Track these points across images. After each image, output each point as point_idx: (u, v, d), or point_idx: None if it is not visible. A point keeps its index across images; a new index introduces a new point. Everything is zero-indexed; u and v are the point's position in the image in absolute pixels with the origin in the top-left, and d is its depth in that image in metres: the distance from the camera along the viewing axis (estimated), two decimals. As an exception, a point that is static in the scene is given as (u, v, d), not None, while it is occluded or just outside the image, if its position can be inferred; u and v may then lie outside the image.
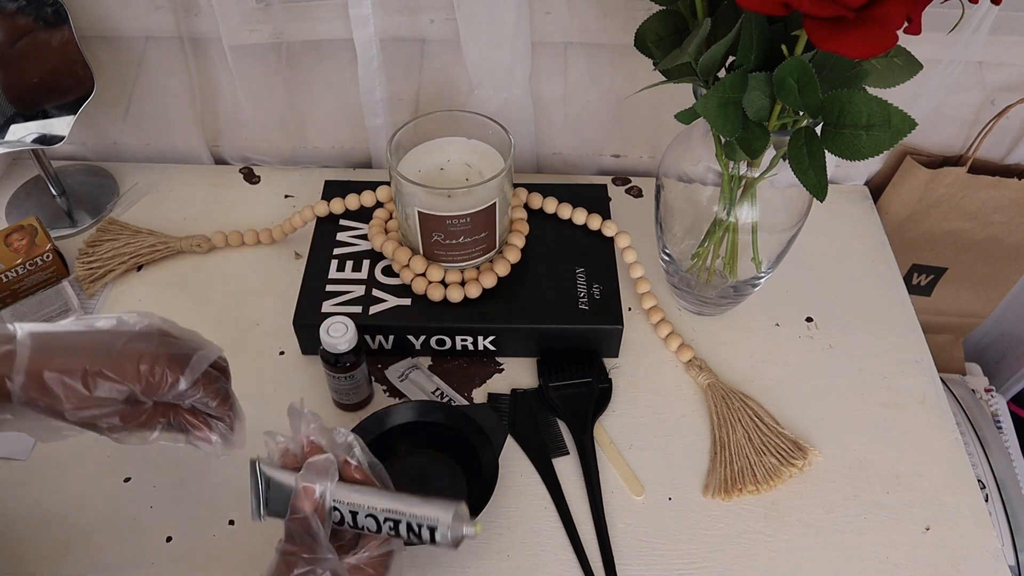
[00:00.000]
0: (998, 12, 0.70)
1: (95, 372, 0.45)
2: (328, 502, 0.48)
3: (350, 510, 0.48)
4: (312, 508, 0.46)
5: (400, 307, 0.71)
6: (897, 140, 0.48)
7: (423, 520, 0.47)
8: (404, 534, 0.48)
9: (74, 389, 0.45)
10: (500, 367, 0.73)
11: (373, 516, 0.48)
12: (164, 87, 0.85)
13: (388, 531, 0.48)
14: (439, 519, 0.47)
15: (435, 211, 0.67)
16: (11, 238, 0.76)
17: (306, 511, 0.46)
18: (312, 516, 0.46)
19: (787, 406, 0.70)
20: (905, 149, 0.86)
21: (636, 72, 0.79)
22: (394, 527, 0.48)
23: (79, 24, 0.76)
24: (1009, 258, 0.92)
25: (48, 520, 0.63)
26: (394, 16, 0.77)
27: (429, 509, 0.48)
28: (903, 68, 0.56)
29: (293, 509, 0.47)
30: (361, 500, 0.48)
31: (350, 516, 0.48)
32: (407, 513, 0.48)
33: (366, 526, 0.48)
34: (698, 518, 0.63)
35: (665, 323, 0.74)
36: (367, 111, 0.84)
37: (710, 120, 0.52)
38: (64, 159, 0.92)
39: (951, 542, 0.62)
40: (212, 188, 0.90)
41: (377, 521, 0.48)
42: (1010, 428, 0.94)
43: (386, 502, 0.48)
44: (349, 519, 0.48)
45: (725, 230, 0.65)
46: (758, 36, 0.52)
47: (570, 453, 0.67)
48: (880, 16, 0.41)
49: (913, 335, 0.76)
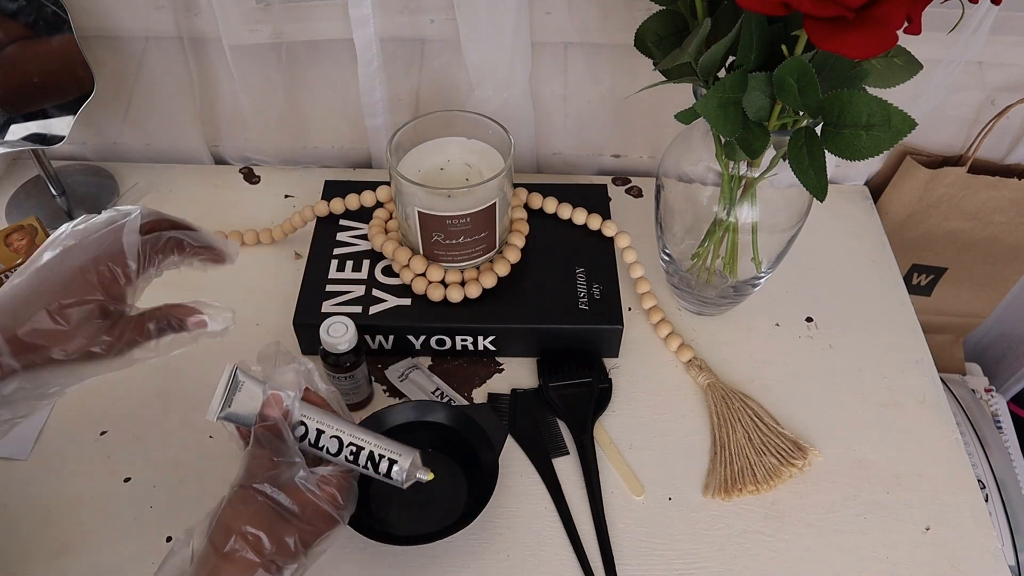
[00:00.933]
0: (998, 12, 0.70)
1: (56, 308, 0.44)
2: (296, 414, 0.48)
3: (317, 428, 0.49)
4: (280, 414, 0.47)
5: (400, 307, 0.71)
6: (897, 140, 0.48)
7: (386, 452, 0.50)
8: (363, 462, 0.49)
9: (52, 332, 0.44)
10: (500, 367, 0.73)
11: (338, 438, 0.49)
12: (164, 87, 0.85)
13: (348, 456, 0.49)
14: (401, 455, 0.50)
15: (435, 211, 0.67)
16: (11, 238, 0.76)
17: (275, 416, 0.47)
18: (281, 421, 0.47)
19: (787, 406, 0.70)
20: (905, 149, 0.86)
21: (636, 72, 0.79)
22: (355, 453, 0.49)
23: (79, 24, 0.76)
24: (1009, 258, 0.92)
25: (48, 520, 0.63)
26: (394, 16, 0.77)
27: (392, 445, 0.50)
28: (903, 68, 0.56)
29: (262, 416, 0.47)
30: (330, 421, 0.50)
31: (315, 434, 0.49)
32: (372, 443, 0.50)
33: (327, 447, 0.49)
34: (698, 518, 0.63)
35: (665, 323, 0.74)
36: (367, 111, 0.84)
37: (710, 120, 0.52)
38: (64, 159, 0.92)
39: (951, 542, 0.62)
40: (212, 188, 0.90)
41: (340, 444, 0.49)
42: (1010, 428, 0.95)
43: (352, 428, 0.50)
44: (313, 436, 0.49)
45: (725, 230, 0.65)
46: (758, 36, 0.52)
47: (570, 453, 0.67)
48: (880, 16, 0.41)
49: (913, 335, 0.76)
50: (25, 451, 0.67)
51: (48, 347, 0.45)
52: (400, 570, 0.60)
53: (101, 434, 0.68)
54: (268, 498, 0.44)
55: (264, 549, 0.43)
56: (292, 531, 0.45)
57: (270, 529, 0.43)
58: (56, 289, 0.45)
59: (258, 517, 0.43)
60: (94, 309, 0.45)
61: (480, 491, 0.61)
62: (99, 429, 0.68)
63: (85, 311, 0.45)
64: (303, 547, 0.45)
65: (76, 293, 0.45)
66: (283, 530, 0.44)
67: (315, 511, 0.46)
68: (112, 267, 0.46)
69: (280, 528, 0.44)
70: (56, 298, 0.45)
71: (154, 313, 0.49)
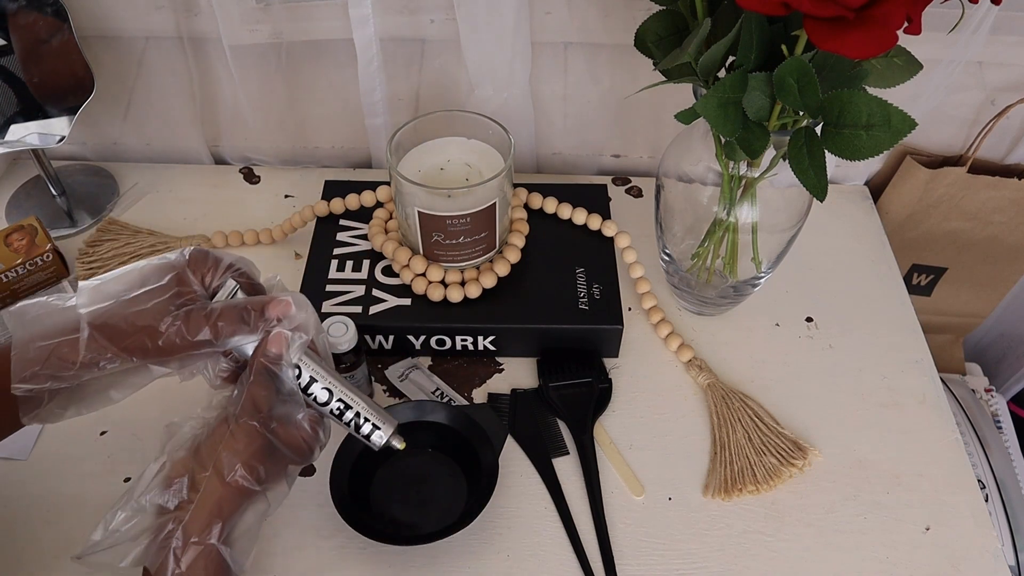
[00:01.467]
0: (998, 12, 0.70)
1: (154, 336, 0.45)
2: (294, 355, 0.48)
3: (311, 375, 0.49)
4: (285, 352, 0.47)
5: (400, 307, 0.71)
6: (897, 140, 0.48)
7: (371, 416, 0.50)
8: (348, 419, 0.50)
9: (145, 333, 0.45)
10: (500, 367, 0.73)
11: (329, 391, 0.49)
12: (164, 87, 0.85)
13: (333, 410, 0.49)
14: (385, 422, 0.51)
15: (435, 211, 0.67)
16: (11, 238, 0.76)
17: (280, 354, 0.46)
18: (287, 361, 0.47)
19: (787, 406, 0.70)
20: (905, 149, 0.86)
21: (636, 72, 0.79)
22: (341, 411, 0.49)
23: (79, 24, 0.76)
24: (1009, 258, 0.92)
25: (48, 520, 0.63)
26: (394, 16, 0.77)
27: (378, 411, 0.51)
28: (903, 68, 0.56)
29: (266, 352, 0.46)
30: (324, 372, 0.50)
31: (307, 379, 0.49)
32: (360, 404, 0.50)
33: (316, 396, 0.49)
34: (698, 518, 0.63)
35: (665, 323, 0.74)
36: (367, 111, 0.84)
37: (710, 120, 0.52)
38: (64, 159, 0.92)
39: (951, 542, 0.62)
40: (212, 188, 0.90)
41: (330, 396, 0.49)
42: (1010, 428, 0.95)
43: (343, 384, 0.50)
44: (304, 381, 0.49)
45: (725, 230, 0.65)
46: (758, 36, 0.52)
47: (570, 453, 0.67)
48: (880, 16, 0.41)
49: (913, 335, 0.76)
50: (25, 451, 0.67)
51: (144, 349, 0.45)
52: (400, 570, 0.60)
53: (101, 434, 0.68)
54: (270, 432, 0.46)
55: (261, 479, 0.45)
56: (283, 464, 0.47)
57: (267, 461, 0.46)
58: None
59: (261, 451, 0.45)
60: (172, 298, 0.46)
61: (480, 491, 0.61)
62: (99, 429, 0.68)
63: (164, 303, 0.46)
64: (287, 478, 0.48)
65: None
66: (277, 462, 0.47)
67: (298, 447, 0.47)
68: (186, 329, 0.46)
69: (274, 460, 0.46)
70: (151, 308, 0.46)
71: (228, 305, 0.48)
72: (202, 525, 0.44)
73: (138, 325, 0.45)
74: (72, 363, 0.45)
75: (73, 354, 0.45)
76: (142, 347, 0.45)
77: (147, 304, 0.45)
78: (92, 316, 0.45)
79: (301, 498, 0.64)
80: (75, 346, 0.45)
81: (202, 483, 0.44)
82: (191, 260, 0.48)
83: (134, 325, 0.45)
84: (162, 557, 0.43)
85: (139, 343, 0.45)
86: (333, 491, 0.60)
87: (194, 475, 0.45)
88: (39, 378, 0.45)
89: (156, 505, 0.45)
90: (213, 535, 0.44)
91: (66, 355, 0.45)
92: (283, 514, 0.63)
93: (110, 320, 0.45)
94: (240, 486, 0.45)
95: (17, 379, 0.45)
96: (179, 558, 0.43)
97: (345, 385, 0.50)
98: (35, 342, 0.45)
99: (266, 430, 0.46)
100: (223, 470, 0.45)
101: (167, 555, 0.43)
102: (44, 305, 0.46)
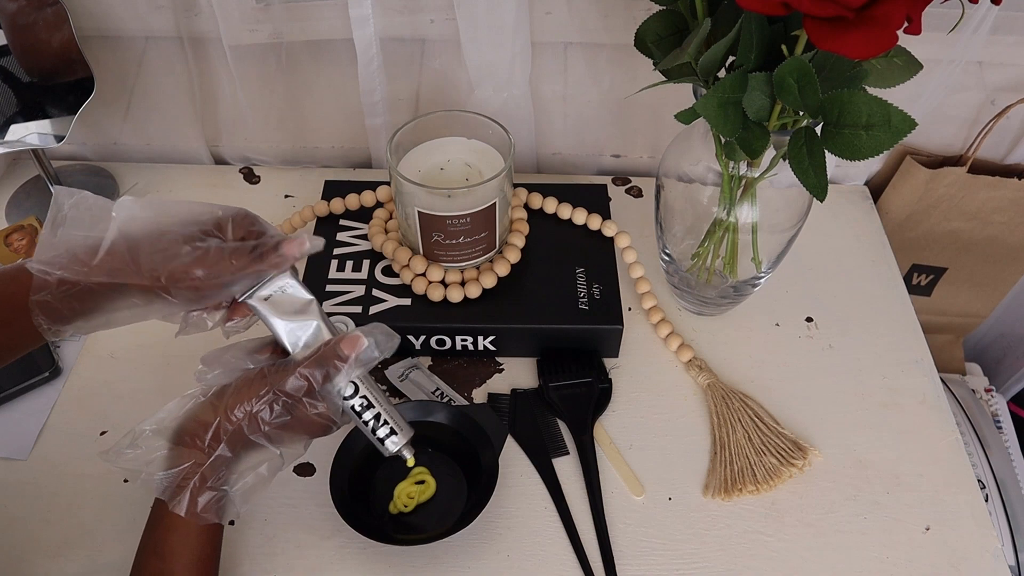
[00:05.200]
0: (998, 12, 0.70)
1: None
2: (357, 370, 0.49)
3: (356, 387, 0.51)
4: (353, 357, 0.48)
5: (400, 307, 0.71)
6: (897, 140, 0.48)
7: (390, 421, 0.52)
8: (368, 418, 0.51)
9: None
10: (500, 367, 0.73)
11: (355, 384, 0.51)
12: (164, 87, 0.85)
13: (356, 405, 0.51)
14: (402, 430, 0.52)
15: (435, 211, 0.67)
16: (11, 238, 0.76)
17: (349, 357, 0.48)
18: (350, 367, 0.48)
19: (787, 406, 0.70)
20: (905, 149, 0.86)
21: (636, 72, 0.79)
22: (364, 407, 0.51)
23: (79, 24, 0.76)
24: (1009, 258, 0.92)
25: (48, 520, 0.63)
26: (394, 16, 0.77)
27: (398, 417, 0.53)
28: (903, 68, 0.56)
29: (337, 351, 0.48)
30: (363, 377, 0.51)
31: (351, 389, 0.50)
32: (383, 405, 0.52)
33: (342, 389, 0.50)
34: (698, 518, 0.63)
35: (665, 323, 0.74)
36: (367, 111, 0.84)
37: (710, 120, 0.52)
38: (64, 159, 0.92)
39: (951, 542, 0.62)
40: (212, 188, 0.90)
41: (356, 391, 0.51)
42: (1010, 428, 0.95)
43: (370, 382, 0.51)
44: (349, 392, 0.50)
45: (725, 230, 0.65)
46: (758, 36, 0.52)
47: (570, 453, 0.67)
48: (880, 16, 0.41)
49: (913, 335, 0.76)
50: (25, 451, 0.67)
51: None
52: (400, 570, 0.60)
53: (101, 434, 0.68)
54: (300, 412, 0.49)
55: (281, 443, 0.50)
56: (302, 435, 0.50)
57: (289, 431, 0.49)
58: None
59: (284, 424, 0.48)
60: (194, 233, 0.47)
61: (480, 491, 0.61)
62: (99, 429, 0.68)
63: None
64: (303, 442, 0.51)
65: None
66: (297, 432, 0.50)
67: (310, 427, 0.50)
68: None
69: (295, 431, 0.50)
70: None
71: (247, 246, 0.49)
72: (218, 471, 0.48)
73: (158, 247, 0.46)
74: (86, 263, 0.46)
75: (91, 255, 0.46)
76: (154, 269, 0.46)
77: (176, 234, 0.46)
78: (121, 225, 0.46)
79: (301, 498, 0.64)
80: (96, 246, 0.46)
81: (224, 434, 0.47)
82: (237, 216, 0.49)
83: (155, 246, 0.46)
84: (179, 495, 0.47)
85: (153, 264, 0.46)
86: (333, 491, 0.60)
87: (219, 425, 0.47)
88: (54, 264, 0.46)
89: (180, 436, 0.48)
90: (228, 482, 0.49)
91: (85, 253, 0.46)
92: (283, 514, 0.63)
93: (136, 235, 0.46)
94: (259, 445, 0.48)
95: (36, 258, 0.46)
96: (196, 499, 0.47)
97: (373, 384, 0.52)
98: (65, 228, 0.46)
99: (290, 406, 0.48)
100: (244, 431, 0.48)
101: (184, 494, 0.47)
102: (90, 199, 0.47)
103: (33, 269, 0.46)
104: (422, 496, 0.62)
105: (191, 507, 0.47)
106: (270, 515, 0.63)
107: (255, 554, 0.61)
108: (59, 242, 0.46)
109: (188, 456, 0.47)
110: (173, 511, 0.48)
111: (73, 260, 0.46)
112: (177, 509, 0.47)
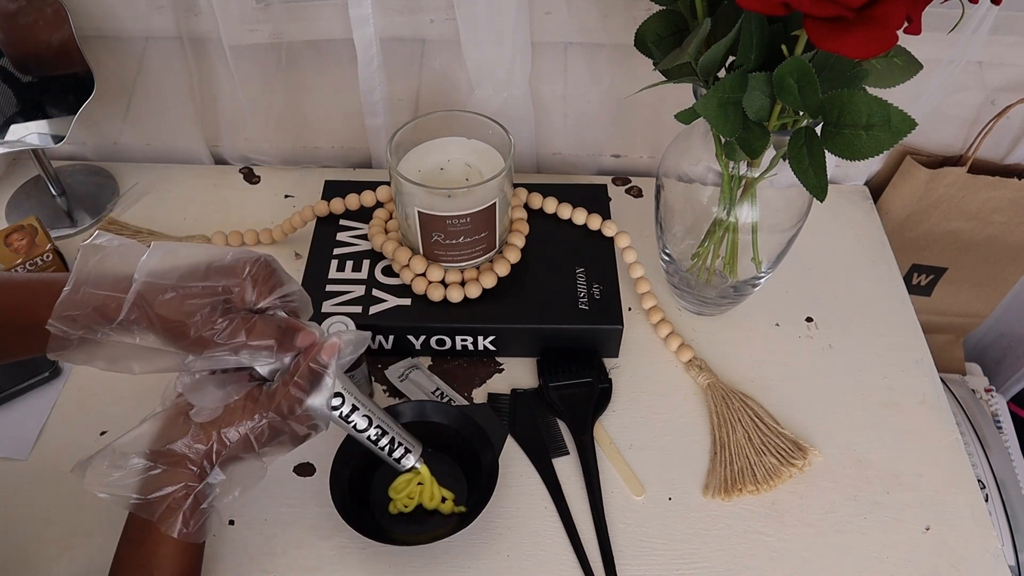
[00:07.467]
0: (998, 12, 0.70)
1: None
2: (335, 381, 0.49)
3: (352, 403, 0.52)
4: (333, 363, 0.49)
5: (400, 307, 0.71)
6: (897, 140, 0.48)
7: (403, 441, 0.56)
8: (383, 444, 0.54)
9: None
10: (500, 367, 0.73)
11: (368, 418, 0.53)
12: (164, 87, 0.85)
13: (371, 436, 0.54)
14: (414, 447, 0.57)
15: (435, 211, 0.67)
16: (11, 238, 0.76)
17: (329, 363, 0.49)
18: (334, 373, 0.49)
19: (787, 406, 0.70)
20: (905, 149, 0.86)
21: (636, 72, 0.79)
22: (378, 436, 0.54)
23: (79, 24, 0.76)
24: (1009, 258, 0.92)
25: (48, 520, 0.63)
26: (394, 16, 0.77)
27: (407, 436, 0.57)
28: (903, 68, 0.56)
29: (315, 357, 0.48)
30: (362, 400, 0.53)
31: (348, 408, 0.52)
32: (394, 430, 0.55)
33: (356, 424, 0.53)
34: (698, 518, 0.63)
35: (665, 323, 0.74)
36: (367, 111, 0.84)
37: (710, 120, 0.52)
38: (64, 159, 0.92)
39: (951, 542, 0.62)
40: (212, 188, 0.90)
41: (369, 424, 0.53)
42: (1010, 428, 0.95)
43: (376, 409, 0.54)
44: (346, 411, 0.52)
45: (725, 230, 0.65)
46: (758, 36, 0.52)
47: (570, 453, 0.67)
48: (880, 16, 0.41)
49: (913, 335, 0.76)
50: (25, 451, 0.67)
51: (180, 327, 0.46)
52: (400, 570, 0.60)
53: (101, 434, 0.68)
54: (286, 427, 0.49)
55: (266, 456, 0.50)
56: (289, 446, 0.51)
57: (273, 444, 0.50)
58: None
59: (272, 440, 0.49)
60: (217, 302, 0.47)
61: (480, 491, 0.61)
62: (99, 429, 0.68)
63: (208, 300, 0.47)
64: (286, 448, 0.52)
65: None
66: (282, 443, 0.51)
67: (297, 439, 0.51)
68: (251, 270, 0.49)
69: (280, 442, 0.50)
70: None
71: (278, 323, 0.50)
72: (210, 492, 0.49)
73: (182, 310, 0.46)
74: (110, 320, 0.46)
75: (115, 312, 0.46)
76: (177, 331, 0.46)
77: (198, 294, 0.46)
78: (145, 284, 0.46)
79: (301, 498, 0.64)
80: (119, 305, 0.46)
81: (217, 457, 0.48)
82: (256, 272, 0.49)
83: (178, 309, 0.46)
84: (171, 516, 0.47)
85: (176, 326, 0.46)
86: (333, 491, 0.60)
87: (211, 450, 0.48)
88: (75, 323, 0.46)
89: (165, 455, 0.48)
90: (216, 499, 0.49)
91: (109, 311, 0.46)
92: (283, 514, 0.63)
93: (159, 294, 0.46)
94: (247, 460, 0.50)
95: (56, 315, 0.45)
96: (188, 521, 0.48)
97: (378, 410, 0.54)
98: (88, 286, 0.46)
99: (283, 426, 0.49)
100: (238, 453, 0.48)
101: (176, 516, 0.47)
102: (117, 251, 0.47)
103: (53, 329, 0.45)
104: (424, 498, 0.62)
105: (183, 528, 0.47)
106: (270, 515, 0.63)
107: (255, 554, 0.61)
108: (79, 300, 0.46)
109: (178, 478, 0.47)
110: (166, 533, 0.47)
111: (94, 320, 0.46)
112: (170, 531, 0.47)
